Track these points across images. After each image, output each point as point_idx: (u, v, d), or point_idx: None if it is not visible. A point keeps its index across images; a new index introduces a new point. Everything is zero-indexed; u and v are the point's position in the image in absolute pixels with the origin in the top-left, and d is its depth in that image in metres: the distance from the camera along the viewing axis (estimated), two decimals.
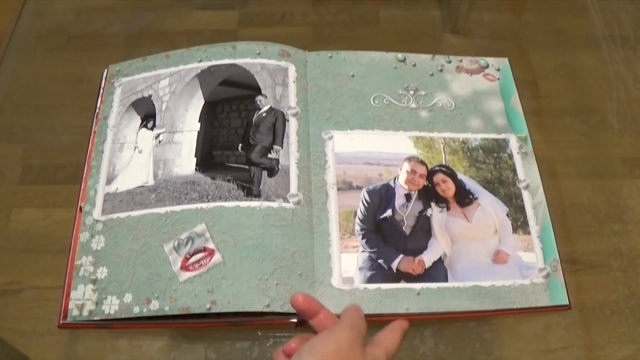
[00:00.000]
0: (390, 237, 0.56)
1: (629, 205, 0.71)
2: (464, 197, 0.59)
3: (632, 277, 0.66)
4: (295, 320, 0.52)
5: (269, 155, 0.59)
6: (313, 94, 0.63)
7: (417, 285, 0.54)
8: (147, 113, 0.63)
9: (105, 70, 0.67)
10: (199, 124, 0.62)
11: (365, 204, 0.58)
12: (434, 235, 0.57)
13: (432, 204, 0.58)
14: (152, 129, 0.62)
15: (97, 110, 0.64)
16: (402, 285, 0.54)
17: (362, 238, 0.56)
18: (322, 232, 0.56)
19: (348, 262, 0.55)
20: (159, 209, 0.56)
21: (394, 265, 0.55)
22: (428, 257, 0.55)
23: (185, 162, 0.59)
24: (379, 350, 0.46)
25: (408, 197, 0.58)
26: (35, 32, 0.87)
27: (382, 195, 0.58)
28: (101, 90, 0.65)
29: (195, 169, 0.58)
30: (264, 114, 0.61)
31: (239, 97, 0.62)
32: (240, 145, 0.60)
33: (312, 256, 0.54)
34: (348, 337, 0.44)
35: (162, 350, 0.60)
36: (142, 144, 0.61)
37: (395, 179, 0.59)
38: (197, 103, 0.63)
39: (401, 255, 0.55)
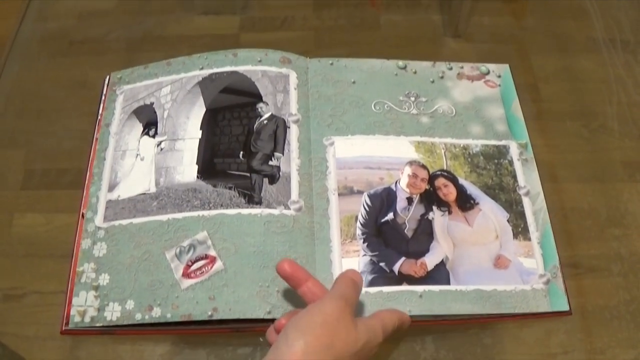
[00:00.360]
0: (392, 240, 0.56)
1: (630, 210, 0.71)
2: (465, 202, 0.59)
3: (632, 281, 0.66)
4: None
5: (270, 163, 0.59)
6: (314, 100, 0.63)
7: (420, 288, 0.54)
8: (148, 121, 0.63)
9: (107, 78, 0.67)
10: (201, 131, 0.62)
11: (367, 208, 0.58)
12: (436, 239, 0.57)
13: (434, 208, 0.58)
14: (153, 136, 0.62)
15: (99, 118, 0.64)
16: (405, 287, 0.54)
17: (364, 242, 0.56)
18: (323, 238, 0.56)
19: (349, 266, 0.55)
20: (161, 216, 0.56)
21: (396, 268, 0.55)
22: (430, 260, 0.56)
23: (186, 170, 0.59)
24: (375, 320, 0.46)
25: (410, 200, 0.59)
26: (37, 36, 0.87)
27: (384, 199, 0.59)
28: (103, 98, 0.66)
29: (197, 177, 0.59)
30: (265, 121, 0.61)
31: (240, 104, 0.63)
32: (241, 152, 0.60)
33: (313, 262, 0.55)
34: (335, 308, 0.42)
35: (164, 356, 0.60)
36: (144, 152, 0.61)
37: (396, 182, 0.59)
38: (199, 111, 0.63)
39: (403, 258, 0.55)
